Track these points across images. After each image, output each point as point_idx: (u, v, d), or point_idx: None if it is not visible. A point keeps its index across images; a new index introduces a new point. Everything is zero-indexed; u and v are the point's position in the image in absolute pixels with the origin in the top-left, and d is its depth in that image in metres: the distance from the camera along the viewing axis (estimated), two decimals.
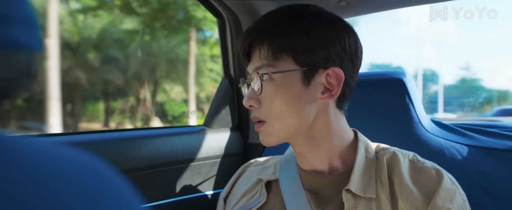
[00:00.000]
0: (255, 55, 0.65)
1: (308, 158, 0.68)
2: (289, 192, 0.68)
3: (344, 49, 0.64)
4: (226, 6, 1.06)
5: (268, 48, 0.63)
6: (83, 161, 0.25)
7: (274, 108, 0.63)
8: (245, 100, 0.65)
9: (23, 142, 0.24)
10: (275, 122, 0.63)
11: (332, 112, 0.66)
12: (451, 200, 0.59)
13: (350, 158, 0.67)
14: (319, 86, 0.63)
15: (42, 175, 0.22)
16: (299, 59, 0.62)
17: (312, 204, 0.66)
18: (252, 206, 0.71)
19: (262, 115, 0.64)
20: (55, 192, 0.22)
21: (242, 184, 0.80)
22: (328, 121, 0.65)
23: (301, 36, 0.62)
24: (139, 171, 0.90)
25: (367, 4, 1.06)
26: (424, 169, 0.63)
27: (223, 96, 1.16)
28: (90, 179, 0.24)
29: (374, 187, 0.62)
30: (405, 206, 0.59)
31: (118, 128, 7.22)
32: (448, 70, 21.13)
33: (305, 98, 0.62)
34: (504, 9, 14.57)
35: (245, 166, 0.84)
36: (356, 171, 0.64)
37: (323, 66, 0.62)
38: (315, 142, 0.66)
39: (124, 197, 0.26)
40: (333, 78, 0.63)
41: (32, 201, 0.20)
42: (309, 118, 0.63)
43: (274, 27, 0.63)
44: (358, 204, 0.62)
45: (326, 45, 0.62)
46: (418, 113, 0.93)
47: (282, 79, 0.62)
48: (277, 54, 0.62)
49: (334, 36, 0.63)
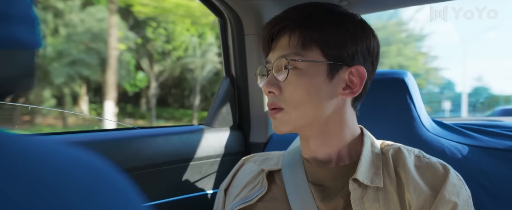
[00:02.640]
0: (283, 43, 0.65)
1: (316, 151, 0.68)
2: (292, 183, 0.68)
3: (369, 49, 0.66)
4: (227, 5, 1.06)
5: (299, 37, 0.63)
6: (85, 159, 0.25)
7: (295, 96, 0.63)
8: (266, 85, 0.65)
9: (23, 141, 0.24)
10: (294, 110, 0.64)
11: (348, 110, 0.67)
12: (458, 194, 0.60)
13: (356, 150, 0.68)
14: (341, 82, 0.64)
15: (42, 174, 0.22)
16: (327, 52, 0.63)
17: (316, 197, 0.65)
18: (253, 196, 0.71)
19: (281, 102, 0.64)
20: (56, 191, 0.22)
21: (243, 175, 0.79)
22: (344, 118, 0.66)
23: (332, 30, 0.63)
24: (140, 170, 0.90)
25: (368, 3, 1.06)
26: (430, 163, 0.64)
27: (224, 95, 1.16)
28: (92, 177, 0.24)
29: (381, 178, 0.63)
30: (413, 198, 0.60)
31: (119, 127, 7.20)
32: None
33: (326, 91, 0.63)
34: (504, 9, 14.62)
35: (245, 159, 0.84)
36: (363, 162, 0.64)
37: (348, 63, 0.64)
38: (327, 137, 0.67)
39: (126, 196, 0.26)
40: (356, 76, 0.64)
41: (31, 201, 0.20)
42: (327, 111, 0.64)
43: (306, 17, 0.65)
44: (364, 194, 0.61)
45: (355, 42, 0.64)
46: (419, 113, 0.92)
47: (308, 69, 0.63)
48: (307, 44, 0.63)
49: (362, 35, 0.65)
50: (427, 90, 13.83)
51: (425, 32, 15.97)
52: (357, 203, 0.61)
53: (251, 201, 0.70)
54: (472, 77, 17.72)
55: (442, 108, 12.62)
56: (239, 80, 1.17)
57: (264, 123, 1.18)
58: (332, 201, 0.64)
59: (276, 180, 0.73)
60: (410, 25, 13.64)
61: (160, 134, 0.97)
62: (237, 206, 0.71)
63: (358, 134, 0.70)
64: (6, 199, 0.19)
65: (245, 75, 1.16)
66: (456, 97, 13.37)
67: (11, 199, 0.20)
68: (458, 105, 12.45)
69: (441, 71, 15.26)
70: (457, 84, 14.65)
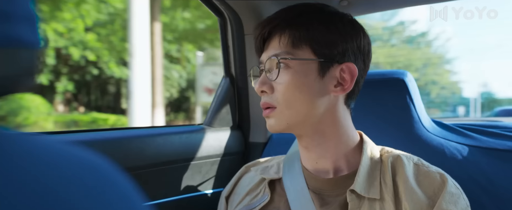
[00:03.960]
0: (274, 43, 0.67)
1: (313, 153, 0.68)
2: (293, 193, 0.69)
3: (359, 47, 0.67)
4: (227, 5, 1.06)
5: (288, 36, 0.65)
6: (86, 159, 0.25)
7: (287, 94, 0.64)
8: (258, 85, 0.67)
9: (25, 139, 0.24)
10: (286, 109, 0.65)
11: (341, 108, 0.68)
12: (455, 204, 0.60)
13: (355, 160, 0.68)
14: (333, 79, 0.65)
15: (43, 173, 0.22)
16: (317, 50, 0.64)
17: (316, 204, 0.66)
18: (256, 205, 0.71)
19: (273, 101, 0.65)
20: (57, 190, 0.22)
21: (245, 183, 0.80)
22: (336, 117, 0.67)
23: (322, 28, 0.65)
24: (139, 170, 0.90)
25: (368, 4, 1.06)
26: (428, 172, 0.64)
27: (224, 95, 1.16)
28: (92, 176, 0.24)
29: (378, 189, 0.63)
30: (409, 207, 0.60)
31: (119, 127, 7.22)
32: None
33: (318, 88, 0.64)
34: (504, 9, 15.03)
35: (247, 166, 0.84)
36: (361, 173, 0.64)
37: (338, 61, 0.65)
38: (322, 137, 0.67)
39: (126, 195, 0.26)
40: (347, 73, 0.65)
41: (32, 199, 0.20)
42: (319, 109, 0.65)
43: (296, 17, 0.66)
44: (362, 205, 0.62)
45: (345, 40, 0.65)
46: (418, 113, 0.92)
47: (299, 67, 0.64)
48: (297, 43, 0.64)
49: (352, 33, 0.66)
50: (448, 97, 17.70)
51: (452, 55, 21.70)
52: None
53: (254, 209, 0.71)
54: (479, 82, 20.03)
55: (457, 113, 15.53)
56: (239, 80, 1.17)
57: (264, 123, 1.17)
58: (331, 208, 0.65)
59: (277, 189, 0.73)
60: (440, 49, 17.76)
61: (160, 133, 0.96)
62: None
63: (356, 140, 0.70)
64: (7, 198, 0.19)
65: (244, 75, 1.16)
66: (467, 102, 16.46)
67: (12, 198, 0.20)
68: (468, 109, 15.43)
69: (459, 84, 19.32)
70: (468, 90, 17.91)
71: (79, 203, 0.22)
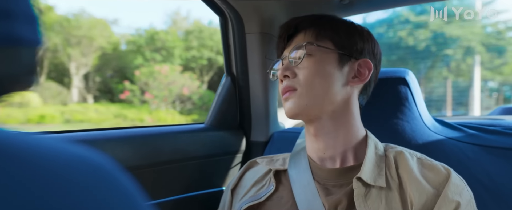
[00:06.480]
0: (298, 38, 0.73)
1: (322, 142, 0.71)
2: (298, 183, 0.71)
3: (374, 52, 0.74)
4: (229, 4, 1.06)
5: (313, 31, 0.72)
6: (88, 158, 0.25)
7: (309, 78, 0.69)
8: (281, 70, 0.71)
9: (26, 139, 0.24)
10: (306, 91, 0.69)
11: (355, 102, 0.72)
12: (460, 194, 0.61)
13: (361, 152, 0.70)
14: (351, 71, 0.71)
15: (43, 172, 0.22)
16: (339, 43, 0.70)
17: (321, 194, 0.68)
18: (262, 195, 0.74)
19: (295, 84, 0.70)
20: (57, 189, 0.22)
21: (251, 176, 0.82)
22: (350, 107, 0.71)
23: (344, 28, 0.72)
24: (142, 169, 0.90)
25: (369, 2, 1.06)
26: (432, 165, 0.66)
27: (225, 94, 1.16)
28: (93, 175, 0.24)
29: (384, 178, 0.65)
30: (415, 197, 0.61)
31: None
32: None
33: (337, 77, 0.69)
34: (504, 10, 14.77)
35: (252, 161, 0.87)
36: (367, 163, 0.67)
37: (356, 57, 0.71)
38: (335, 124, 0.70)
39: (128, 194, 0.26)
40: (364, 67, 0.71)
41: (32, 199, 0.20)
42: (336, 96, 0.69)
43: (320, 18, 0.74)
44: (367, 192, 0.64)
45: (363, 40, 0.72)
46: (420, 111, 0.92)
47: (321, 56, 0.69)
48: (320, 37, 0.71)
49: (369, 38, 0.74)
50: None
51: None
52: (360, 201, 0.63)
53: (261, 199, 0.73)
54: None
55: None
56: (240, 79, 1.17)
57: (265, 121, 1.18)
58: (336, 199, 0.66)
59: (282, 180, 0.76)
60: None
61: (162, 132, 0.97)
62: (246, 204, 0.74)
63: (363, 136, 0.73)
64: (7, 197, 0.19)
65: (246, 74, 1.16)
66: None
67: (12, 198, 0.20)
68: None
69: None
70: None
71: (80, 202, 0.22)
